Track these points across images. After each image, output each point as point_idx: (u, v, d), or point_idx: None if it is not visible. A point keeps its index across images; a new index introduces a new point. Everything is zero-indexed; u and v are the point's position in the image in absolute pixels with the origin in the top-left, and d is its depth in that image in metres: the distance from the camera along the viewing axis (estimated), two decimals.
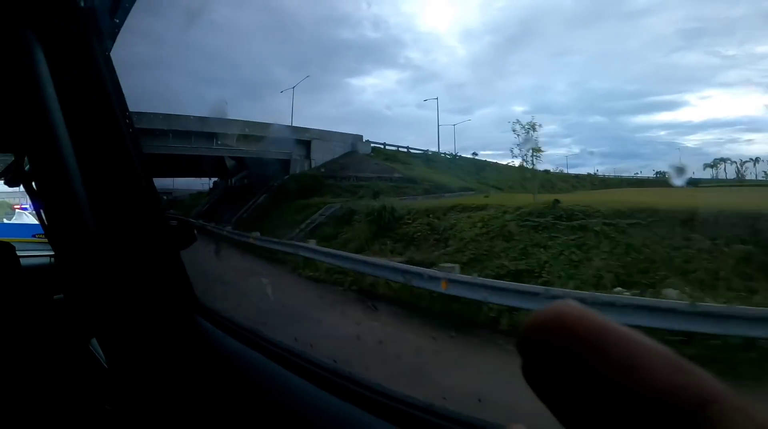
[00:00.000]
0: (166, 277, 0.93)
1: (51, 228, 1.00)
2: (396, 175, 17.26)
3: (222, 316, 0.87)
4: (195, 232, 1.08)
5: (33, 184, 1.07)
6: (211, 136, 16.76)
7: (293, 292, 7.00)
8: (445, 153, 20.83)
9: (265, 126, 18.12)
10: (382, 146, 20.11)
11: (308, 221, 12.44)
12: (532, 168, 12.83)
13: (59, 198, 0.88)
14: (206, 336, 0.81)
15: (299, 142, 18.87)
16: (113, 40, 1.13)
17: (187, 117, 16.16)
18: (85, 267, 0.93)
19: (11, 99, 1.11)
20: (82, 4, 1.02)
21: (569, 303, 0.17)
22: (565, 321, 0.17)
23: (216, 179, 21.67)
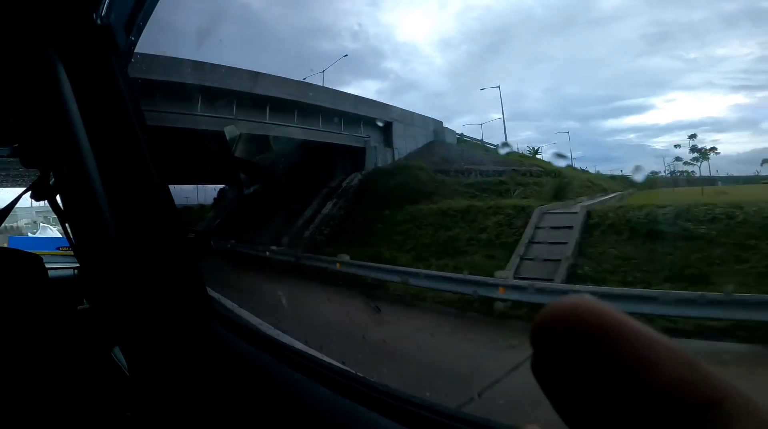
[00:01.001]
0: (185, 287, 0.98)
1: (76, 240, 1.07)
2: (534, 168, 12.48)
3: (237, 322, 0.92)
4: (212, 244, 1.12)
5: (57, 198, 1.14)
6: (261, 105, 11.69)
7: None
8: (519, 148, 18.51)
9: (330, 94, 13.05)
10: (459, 136, 16.53)
11: (525, 242, 7.17)
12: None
13: (83, 211, 0.94)
14: (223, 341, 0.85)
15: (375, 124, 13.78)
16: (130, 56, 1.20)
17: (230, 71, 11.15)
18: (108, 278, 0.99)
19: (37, 116, 1.18)
20: (99, 22, 1.08)
21: (585, 297, 0.18)
22: (580, 314, 0.17)
23: (223, 186, 17.42)
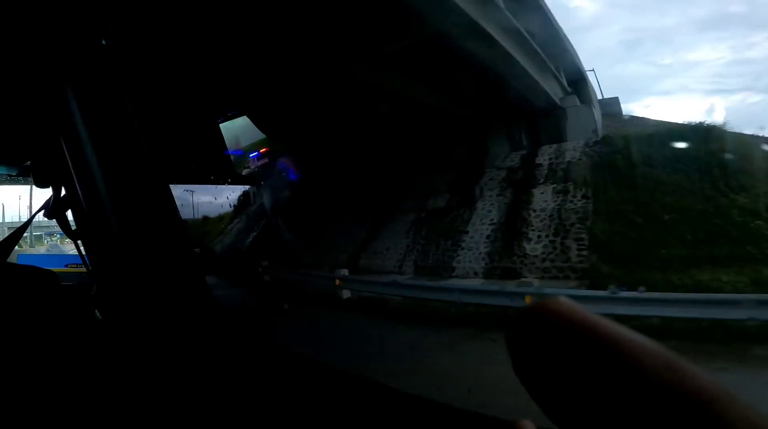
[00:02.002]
0: (194, 298, 1.03)
1: (88, 257, 1.12)
2: None
3: (243, 330, 0.97)
4: (216, 258, 1.18)
5: (69, 216, 1.20)
6: None
7: None
8: None
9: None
10: None
11: None
12: None
13: (95, 229, 0.99)
14: (230, 347, 0.90)
15: (559, 75, 8.56)
16: (134, 78, 1.26)
17: None
18: (120, 292, 1.04)
19: (48, 136, 1.24)
20: (105, 43, 1.14)
21: (559, 298, 0.17)
22: (555, 317, 0.17)
23: (246, 188, 11.91)
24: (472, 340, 4.75)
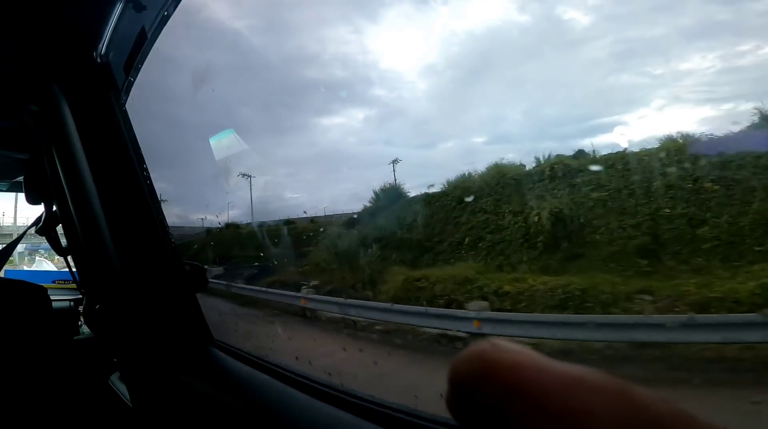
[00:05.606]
0: (184, 315, 1.06)
1: (78, 273, 1.15)
2: None
3: (233, 346, 1.00)
4: (207, 276, 1.20)
5: (59, 232, 1.23)
6: None
7: None
8: None
9: None
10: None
11: None
12: None
13: (86, 245, 1.02)
14: (220, 363, 0.93)
15: None
16: (128, 95, 1.30)
17: None
18: (111, 308, 1.07)
19: (41, 151, 1.28)
20: (99, 60, 1.18)
21: (495, 343, 0.16)
22: (490, 368, 0.15)
23: None
24: None
